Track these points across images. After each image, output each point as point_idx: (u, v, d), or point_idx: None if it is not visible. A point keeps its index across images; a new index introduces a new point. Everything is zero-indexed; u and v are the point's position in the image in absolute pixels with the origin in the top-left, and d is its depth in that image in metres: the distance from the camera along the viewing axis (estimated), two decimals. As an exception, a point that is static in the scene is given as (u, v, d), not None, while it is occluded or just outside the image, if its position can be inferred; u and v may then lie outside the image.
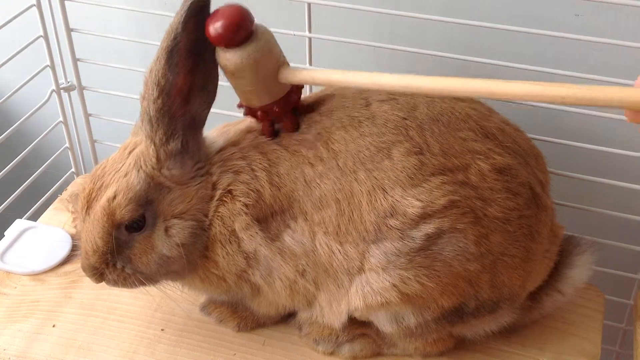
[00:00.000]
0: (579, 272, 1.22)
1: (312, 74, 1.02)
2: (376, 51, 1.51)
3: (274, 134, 1.11)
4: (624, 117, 1.20)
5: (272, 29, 1.38)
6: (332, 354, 1.23)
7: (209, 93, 1.08)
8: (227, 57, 1.01)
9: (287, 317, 1.27)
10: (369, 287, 1.08)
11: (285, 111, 1.09)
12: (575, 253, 1.23)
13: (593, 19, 1.33)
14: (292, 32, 1.37)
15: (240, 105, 1.11)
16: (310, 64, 1.42)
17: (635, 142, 1.39)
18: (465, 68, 1.37)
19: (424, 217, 1.04)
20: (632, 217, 1.34)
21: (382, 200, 1.05)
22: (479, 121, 1.10)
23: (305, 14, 1.36)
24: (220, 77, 1.07)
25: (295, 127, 1.11)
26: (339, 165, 1.07)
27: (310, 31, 1.38)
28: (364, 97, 1.11)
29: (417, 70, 1.19)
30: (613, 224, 1.39)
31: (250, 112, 1.10)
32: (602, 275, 1.36)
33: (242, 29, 0.99)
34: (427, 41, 1.45)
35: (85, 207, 1.09)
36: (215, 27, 0.99)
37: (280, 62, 1.04)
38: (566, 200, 1.35)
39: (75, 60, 1.58)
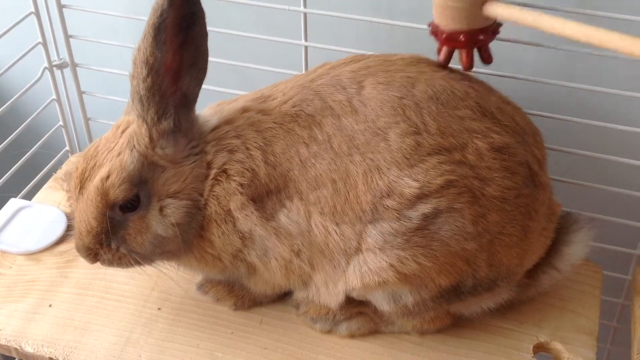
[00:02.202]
0: (576, 249, 1.22)
1: (520, 13, 1.00)
2: (373, 26, 1.49)
3: (467, 64, 1.11)
4: (622, 92, 1.21)
5: (266, 4, 1.38)
6: (329, 332, 1.23)
7: (200, 70, 1.06)
8: None
9: (284, 296, 1.27)
10: (366, 267, 1.08)
11: (470, 44, 1.09)
12: (572, 230, 1.22)
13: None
14: (287, 7, 1.36)
15: (429, 24, 1.12)
16: (306, 39, 1.40)
17: (634, 117, 1.38)
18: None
19: (420, 197, 1.03)
20: (630, 192, 1.34)
21: (379, 180, 1.04)
22: (478, 100, 1.09)
23: (301, -12, 1.34)
24: (210, 53, 1.06)
25: (470, 66, 1.11)
26: (333, 147, 1.06)
27: (305, 6, 1.36)
28: (358, 80, 1.10)
29: (414, 47, 1.18)
30: (611, 200, 1.39)
31: (435, 31, 1.10)
32: (600, 250, 1.36)
33: None
34: (425, 16, 1.43)
35: (79, 187, 1.08)
36: None
37: None
38: (564, 177, 1.35)
39: (67, 37, 1.57)
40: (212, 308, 1.27)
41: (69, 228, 1.42)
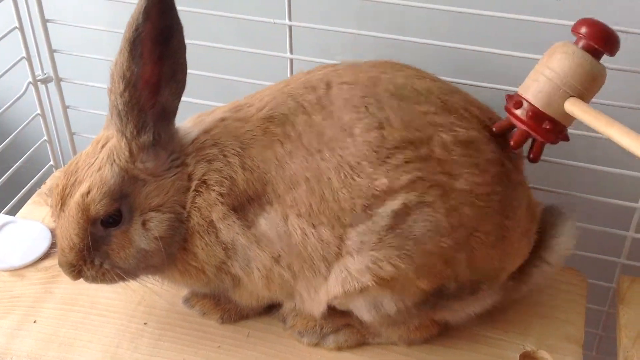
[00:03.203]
0: (564, 240, 1.22)
1: (594, 116, 1.00)
2: (358, 38, 1.50)
3: (516, 144, 1.09)
4: (606, 102, 1.22)
5: (252, 17, 1.38)
6: (316, 345, 1.23)
7: (179, 83, 1.06)
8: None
9: (271, 309, 1.26)
10: (346, 271, 1.08)
11: (550, 134, 1.07)
12: (558, 222, 1.23)
13: (576, 4, 1.32)
14: (272, 20, 1.36)
15: (508, 97, 1.10)
16: (291, 52, 1.40)
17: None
18: (446, 54, 1.36)
19: (388, 192, 1.03)
20: (614, 201, 1.35)
21: (351, 176, 1.04)
22: (441, 96, 1.10)
23: (285, 1, 1.35)
24: (194, 66, 1.06)
25: (530, 158, 1.12)
26: (304, 145, 1.07)
27: (290, 19, 1.36)
28: (326, 80, 1.11)
29: (398, 58, 1.19)
30: (595, 208, 1.39)
31: (514, 104, 1.08)
32: (585, 259, 1.37)
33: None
34: (408, 28, 1.45)
35: (60, 204, 1.07)
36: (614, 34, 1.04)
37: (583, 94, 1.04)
38: (548, 185, 1.35)
39: (51, 52, 1.56)
40: (198, 322, 1.27)
41: (54, 244, 1.41)
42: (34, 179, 1.65)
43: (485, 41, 1.29)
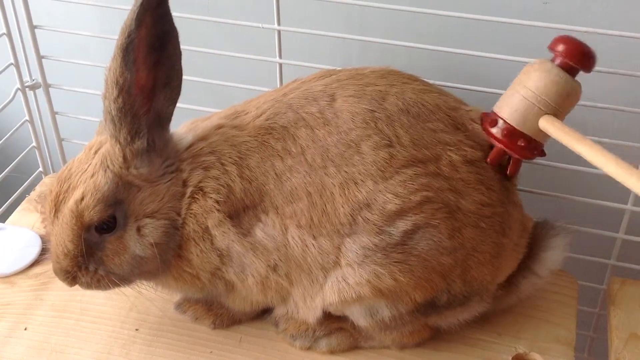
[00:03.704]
0: (554, 253, 1.23)
1: (566, 133, 1.01)
2: (346, 42, 1.50)
3: (492, 161, 1.10)
4: (595, 104, 1.23)
5: (240, 22, 1.38)
6: (309, 349, 1.23)
7: (174, 89, 1.06)
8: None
9: (263, 314, 1.26)
10: (344, 282, 1.08)
11: (514, 150, 1.08)
12: (549, 236, 1.24)
13: (562, 7, 1.33)
14: (260, 25, 1.36)
15: (484, 115, 1.11)
16: (280, 56, 1.40)
17: (606, 128, 1.40)
18: (434, 58, 1.37)
19: (400, 213, 1.04)
20: (603, 203, 1.35)
21: (356, 192, 1.04)
22: (448, 112, 1.10)
23: (274, 6, 1.35)
24: (184, 72, 1.05)
25: (508, 175, 1.12)
26: (307, 160, 1.06)
27: (279, 24, 1.37)
28: (330, 92, 1.10)
29: (387, 63, 1.19)
30: (585, 211, 1.40)
31: (489, 122, 1.09)
32: (575, 261, 1.37)
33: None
34: (397, 32, 1.45)
35: (53, 211, 1.07)
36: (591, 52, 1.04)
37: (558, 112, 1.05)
38: (537, 188, 1.36)
39: (39, 58, 1.55)
40: (190, 327, 1.26)
41: (44, 250, 1.40)
42: (23, 185, 1.63)
43: (473, 45, 1.30)
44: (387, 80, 1.12)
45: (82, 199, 1.04)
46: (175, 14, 1.01)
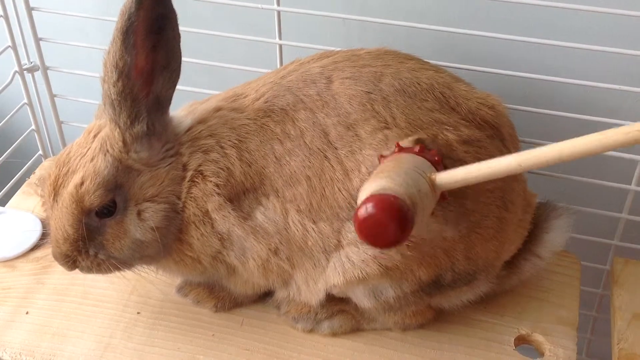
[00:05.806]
0: (556, 235, 1.22)
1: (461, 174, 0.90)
2: (346, 23, 1.49)
3: None
4: (601, 84, 1.22)
5: (239, 3, 1.37)
6: (311, 331, 1.22)
7: (173, 72, 1.05)
8: None
9: (265, 297, 1.26)
10: (348, 262, 1.07)
11: None
12: (551, 217, 1.23)
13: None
14: (259, 6, 1.35)
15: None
16: (280, 37, 1.39)
17: (608, 108, 1.39)
18: (436, 38, 1.36)
19: None
20: (606, 183, 1.35)
21: (354, 176, 1.04)
22: (444, 91, 1.09)
23: (273, -14, 1.34)
24: (183, 54, 1.04)
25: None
26: (306, 143, 1.06)
27: (278, 4, 1.35)
28: (327, 75, 1.09)
29: (387, 43, 1.18)
30: (588, 191, 1.40)
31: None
32: (578, 241, 1.37)
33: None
34: (397, 12, 1.44)
35: (53, 195, 1.06)
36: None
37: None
38: (543, 168, 1.35)
39: (37, 40, 1.54)
40: (192, 310, 1.26)
41: (45, 234, 1.40)
42: (23, 169, 1.63)
43: (475, 26, 1.29)
44: (383, 61, 1.11)
45: (82, 183, 1.03)
46: (173, -5, 1.00)
